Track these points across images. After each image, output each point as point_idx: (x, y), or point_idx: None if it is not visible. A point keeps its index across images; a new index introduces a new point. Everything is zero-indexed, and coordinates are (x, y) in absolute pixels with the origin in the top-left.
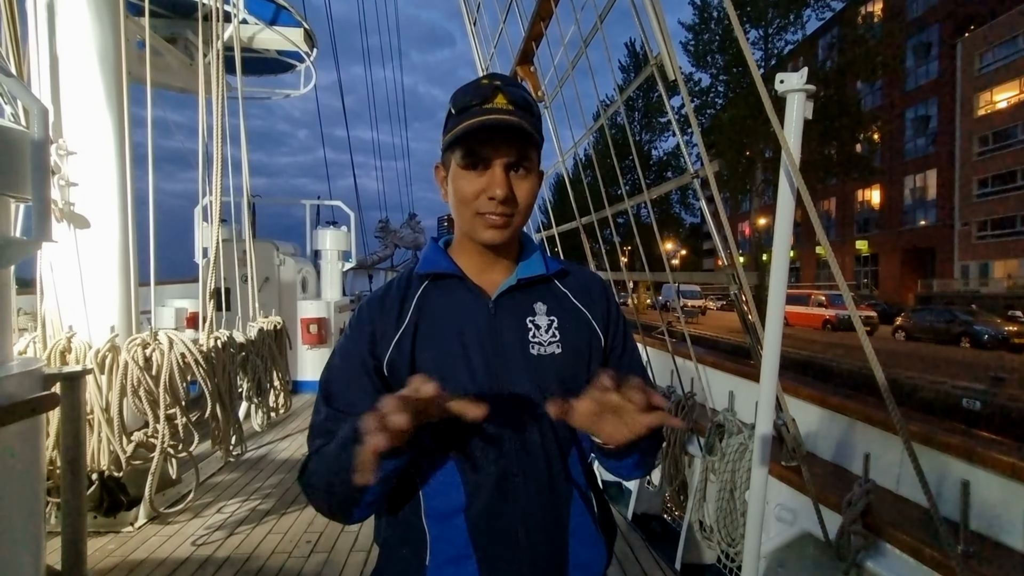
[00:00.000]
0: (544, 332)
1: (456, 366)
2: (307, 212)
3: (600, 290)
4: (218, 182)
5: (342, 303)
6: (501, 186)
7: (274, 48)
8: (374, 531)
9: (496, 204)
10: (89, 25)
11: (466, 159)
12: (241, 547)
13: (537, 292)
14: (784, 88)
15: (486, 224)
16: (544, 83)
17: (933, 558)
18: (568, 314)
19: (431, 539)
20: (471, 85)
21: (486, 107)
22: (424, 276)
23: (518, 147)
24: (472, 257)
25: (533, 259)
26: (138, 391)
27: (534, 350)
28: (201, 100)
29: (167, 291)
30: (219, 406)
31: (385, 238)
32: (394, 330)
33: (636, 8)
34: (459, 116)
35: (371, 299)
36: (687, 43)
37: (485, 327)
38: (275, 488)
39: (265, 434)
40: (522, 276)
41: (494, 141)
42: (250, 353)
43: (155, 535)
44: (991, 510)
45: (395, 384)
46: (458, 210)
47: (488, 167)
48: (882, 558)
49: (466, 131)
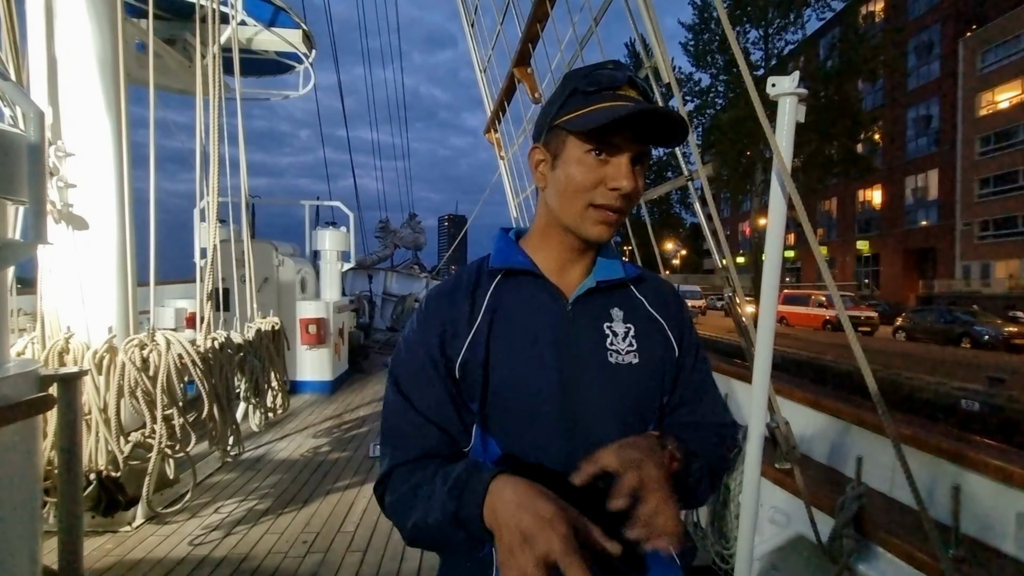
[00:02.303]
0: (621, 340)
1: (531, 371)
2: (306, 212)
3: (674, 298)
4: (215, 183)
5: (341, 303)
6: (628, 178)
7: (273, 49)
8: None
9: (617, 197)
10: (87, 27)
11: (595, 144)
12: (238, 547)
13: (614, 297)
14: (776, 92)
15: (598, 218)
16: (542, 86)
17: (924, 562)
18: (645, 323)
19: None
20: (597, 69)
21: (620, 94)
22: (497, 271)
23: (643, 142)
24: (551, 253)
25: (611, 262)
26: (135, 392)
27: (612, 358)
28: (199, 101)
29: (168, 291)
30: (216, 406)
31: (385, 238)
32: (466, 329)
33: (631, 11)
34: (590, 97)
35: (439, 292)
36: (687, 43)
37: (562, 330)
38: (272, 488)
39: (263, 434)
40: (600, 279)
41: (627, 131)
42: (248, 353)
43: (152, 535)
44: (983, 514)
45: (465, 385)
46: (566, 199)
47: (612, 156)
48: (874, 561)
49: (614, 115)
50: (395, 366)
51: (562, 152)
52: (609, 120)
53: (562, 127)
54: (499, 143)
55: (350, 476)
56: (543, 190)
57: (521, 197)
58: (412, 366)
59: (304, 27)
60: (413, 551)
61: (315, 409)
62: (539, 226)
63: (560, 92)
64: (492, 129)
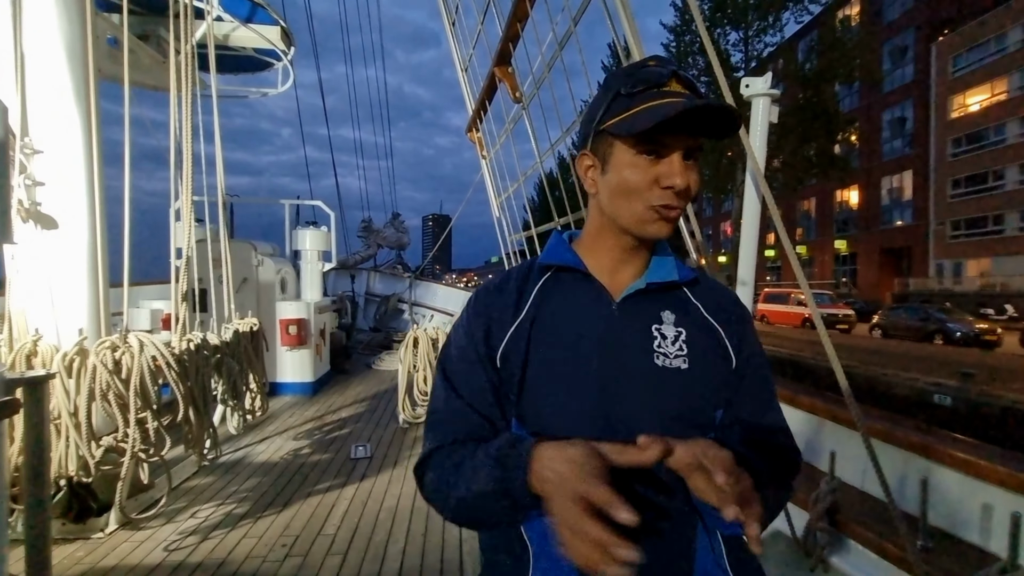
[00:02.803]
0: (670, 344)
1: (571, 367)
2: (286, 212)
3: (736, 307)
4: (188, 181)
5: (322, 304)
6: (682, 175)
7: (250, 46)
8: (479, 537)
9: (672, 195)
10: (56, 21)
11: (643, 145)
12: (215, 552)
13: (666, 299)
14: (749, 92)
15: (656, 216)
16: (523, 85)
17: (894, 553)
18: (698, 328)
19: (532, 555)
20: (639, 67)
21: (664, 90)
22: (546, 268)
23: (693, 136)
24: (604, 254)
25: (665, 263)
26: (107, 395)
27: (659, 361)
28: (173, 98)
29: (143, 292)
30: (192, 409)
31: (368, 238)
32: (511, 320)
33: (609, 12)
34: (633, 98)
35: (488, 286)
36: (668, 44)
37: (606, 329)
38: (251, 492)
39: (242, 437)
40: (652, 280)
41: (675, 128)
42: (225, 355)
43: (126, 541)
44: (950, 505)
45: (505, 375)
46: (620, 202)
47: (663, 155)
48: (847, 554)
49: (656, 118)
50: (443, 355)
51: (611, 156)
52: (654, 123)
53: (608, 131)
54: (481, 142)
55: (331, 478)
56: (594, 196)
57: (503, 197)
58: (457, 355)
59: (282, 23)
60: (394, 552)
61: (296, 411)
62: (592, 229)
63: (603, 95)
64: (474, 128)
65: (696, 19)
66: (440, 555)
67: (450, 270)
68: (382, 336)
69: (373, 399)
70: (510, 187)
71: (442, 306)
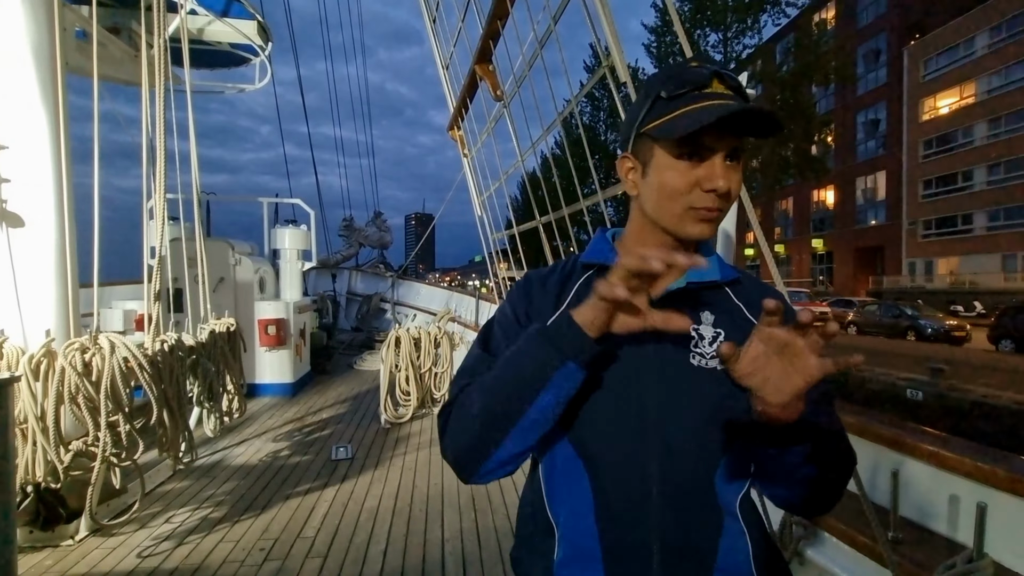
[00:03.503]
0: (708, 344)
1: (606, 364)
2: (264, 210)
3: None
4: (161, 178)
5: (302, 304)
6: (724, 177)
7: (226, 41)
8: (517, 521)
9: (714, 198)
10: (21, 13)
11: (684, 148)
12: (190, 557)
13: (706, 299)
14: None
15: (697, 218)
16: (504, 84)
17: (865, 545)
18: (738, 329)
19: (559, 537)
20: (680, 68)
21: (706, 92)
22: (588, 266)
23: (736, 135)
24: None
25: (708, 261)
26: (76, 398)
27: (695, 360)
28: (145, 93)
29: (115, 292)
30: (166, 412)
31: (349, 237)
32: (550, 313)
33: (588, 11)
34: (674, 101)
35: (534, 276)
36: (650, 45)
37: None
38: (228, 495)
39: (219, 440)
40: (692, 279)
41: (714, 130)
42: (201, 356)
43: (97, 548)
44: (919, 497)
45: None
46: (663, 204)
47: (704, 157)
48: (821, 547)
49: (697, 123)
50: (484, 328)
51: (651, 159)
52: (697, 127)
53: (648, 135)
54: (463, 140)
55: (311, 480)
56: (636, 198)
57: (485, 195)
58: (497, 322)
59: (259, 18)
60: (375, 553)
61: (275, 412)
62: (633, 229)
63: (643, 98)
64: (455, 126)
65: (674, 21)
66: (422, 555)
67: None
68: (364, 336)
69: (354, 400)
70: (492, 186)
71: (425, 305)
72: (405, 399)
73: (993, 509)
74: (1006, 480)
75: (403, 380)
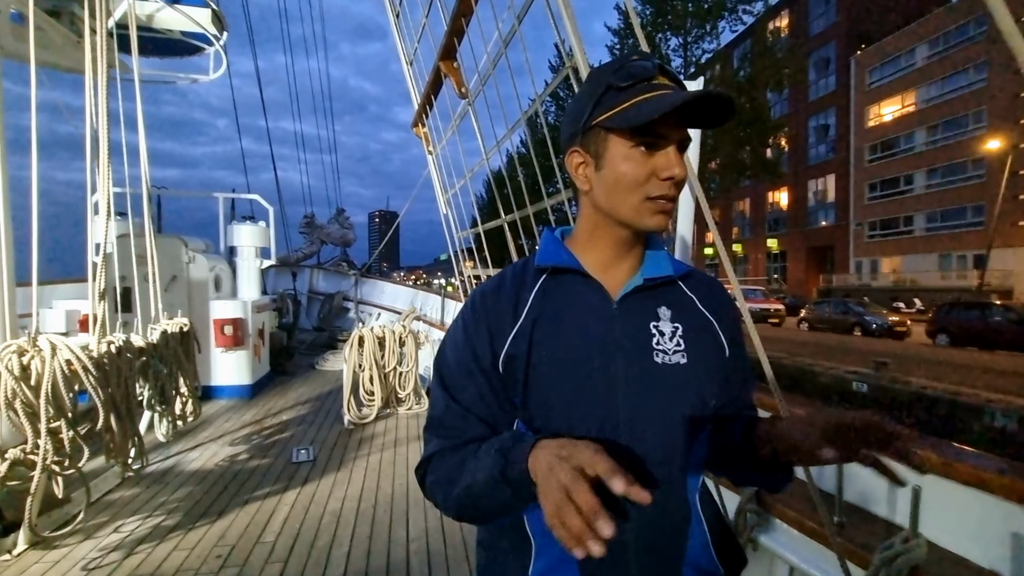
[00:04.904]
0: (668, 340)
1: (574, 368)
2: (220, 206)
3: (726, 298)
4: (106, 171)
5: (261, 303)
6: (680, 166)
7: (178, 29)
8: (477, 532)
9: (671, 186)
10: None
11: (640, 137)
12: (141, 567)
13: (662, 295)
14: None
15: (655, 209)
16: (469, 82)
17: (813, 529)
18: (694, 322)
19: (536, 547)
20: (625, 61)
21: (654, 83)
22: (542, 269)
23: (688, 126)
24: (599, 251)
25: (660, 258)
26: (13, 403)
27: (658, 358)
28: (88, 81)
29: (56, 291)
30: (114, 416)
31: (311, 234)
32: (510, 326)
33: (552, 13)
34: (626, 92)
35: (485, 291)
36: (613, 47)
37: (606, 330)
38: (182, 502)
39: (172, 445)
40: (648, 276)
41: (669, 120)
42: (151, 358)
43: (38, 562)
44: (862, 483)
45: (508, 379)
46: (620, 196)
47: (660, 147)
48: (773, 532)
49: (660, 108)
50: (439, 362)
51: (605, 152)
52: (658, 114)
53: (602, 126)
54: (427, 138)
55: (271, 484)
56: (586, 193)
57: (450, 193)
58: (455, 362)
59: (213, 6)
60: (338, 556)
61: (232, 415)
62: (585, 227)
63: (591, 91)
64: (420, 123)
65: (634, 24)
66: (387, 556)
67: (398, 267)
68: (326, 336)
69: (316, 400)
70: (457, 184)
71: (390, 304)
72: (369, 399)
73: (928, 492)
74: (939, 465)
75: (367, 380)
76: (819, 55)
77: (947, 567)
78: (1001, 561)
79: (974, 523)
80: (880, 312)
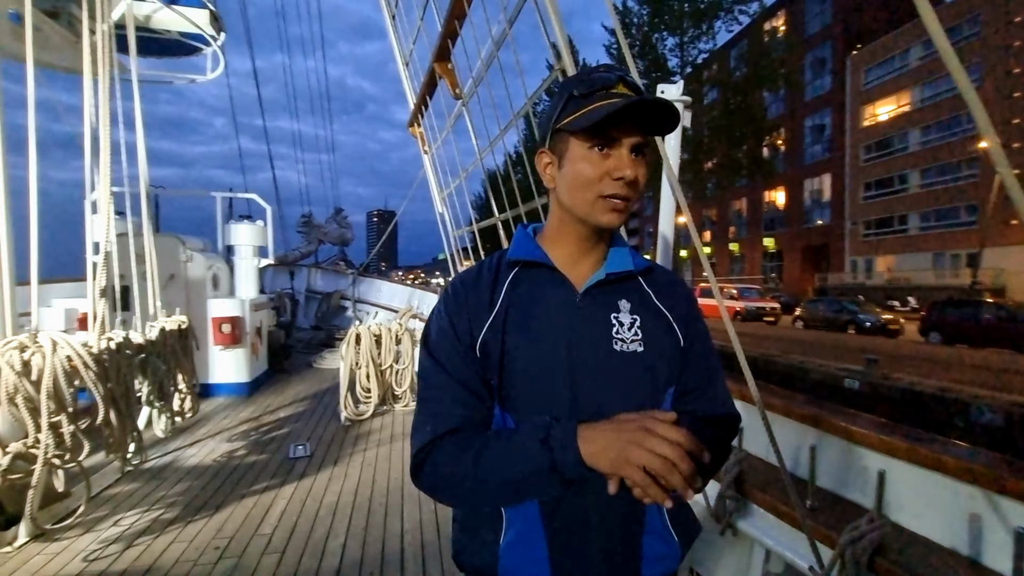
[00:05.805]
0: (627, 330)
1: (542, 355)
2: (218, 205)
3: (683, 293)
4: (106, 170)
5: (259, 301)
6: (631, 167)
7: (175, 29)
8: (453, 510)
9: (622, 185)
10: None
11: (595, 140)
12: (140, 559)
13: (622, 289)
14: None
15: (608, 207)
16: (464, 83)
17: (787, 514)
18: (650, 314)
19: (507, 520)
20: (590, 72)
21: (613, 91)
22: (514, 263)
23: (640, 132)
24: (565, 247)
25: (622, 255)
26: (15, 399)
27: (618, 346)
28: (87, 81)
29: (55, 290)
30: (114, 412)
31: (309, 233)
32: (487, 313)
33: (542, 16)
34: (586, 99)
35: (463, 279)
36: (610, 46)
37: (571, 319)
38: (180, 496)
39: (171, 440)
40: (610, 271)
41: (623, 124)
42: (150, 355)
43: (39, 554)
44: (834, 469)
45: (486, 362)
46: (576, 194)
47: (614, 149)
48: (750, 517)
49: (606, 111)
50: (428, 340)
51: (567, 152)
52: (604, 116)
53: (563, 129)
54: (423, 137)
55: (268, 479)
56: (553, 190)
57: (446, 192)
58: (444, 339)
59: (211, 7)
60: (334, 547)
61: (230, 412)
62: (553, 223)
63: (558, 98)
64: (415, 123)
65: (616, 27)
66: (381, 547)
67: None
68: (324, 334)
69: (313, 398)
70: (453, 183)
71: (387, 303)
72: (366, 396)
73: (893, 476)
74: (903, 449)
75: (364, 377)
76: (815, 55)
77: (909, 546)
78: (960, 541)
79: (935, 505)
80: (873, 310)
